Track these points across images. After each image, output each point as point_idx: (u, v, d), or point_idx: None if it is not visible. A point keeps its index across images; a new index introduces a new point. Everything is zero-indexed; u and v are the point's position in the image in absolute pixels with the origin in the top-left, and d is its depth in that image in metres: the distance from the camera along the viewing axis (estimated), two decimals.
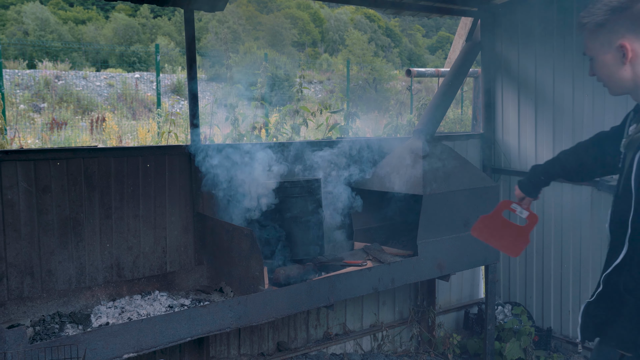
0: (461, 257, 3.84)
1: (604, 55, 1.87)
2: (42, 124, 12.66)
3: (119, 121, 13.85)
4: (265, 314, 3.02)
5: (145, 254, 3.52)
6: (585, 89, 4.41)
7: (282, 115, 6.77)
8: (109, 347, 2.52)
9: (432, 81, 18.58)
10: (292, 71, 19.83)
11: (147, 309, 3.15)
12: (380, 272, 3.48)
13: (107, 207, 3.37)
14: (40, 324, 2.96)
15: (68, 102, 15.81)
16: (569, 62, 4.49)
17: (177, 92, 19.35)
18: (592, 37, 1.89)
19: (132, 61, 25.26)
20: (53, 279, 3.21)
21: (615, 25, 1.81)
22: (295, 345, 4.19)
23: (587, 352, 4.59)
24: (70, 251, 3.26)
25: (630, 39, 1.79)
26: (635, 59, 1.81)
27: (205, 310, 2.83)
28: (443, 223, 3.75)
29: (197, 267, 3.66)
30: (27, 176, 3.11)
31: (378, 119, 15.56)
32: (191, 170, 3.63)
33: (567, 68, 4.51)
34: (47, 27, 28.10)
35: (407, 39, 45.45)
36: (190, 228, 3.68)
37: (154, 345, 2.67)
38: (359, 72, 20.94)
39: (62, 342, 2.38)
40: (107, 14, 33.88)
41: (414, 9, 4.63)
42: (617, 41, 1.82)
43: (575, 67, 4.45)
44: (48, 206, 3.18)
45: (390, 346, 4.65)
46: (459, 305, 5.14)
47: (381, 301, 4.62)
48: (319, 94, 23.15)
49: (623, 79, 1.87)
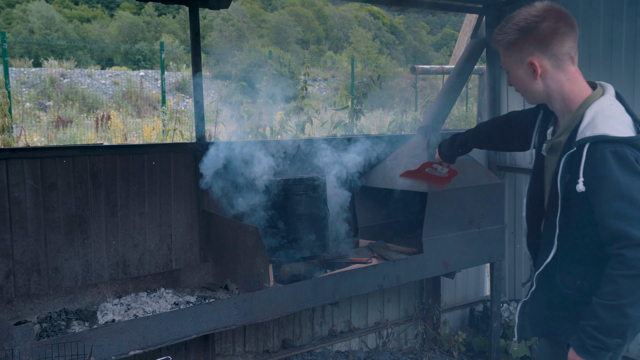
0: (466, 255, 3.84)
1: (517, 70, 2.06)
2: (47, 122, 12.70)
3: (124, 119, 13.88)
4: (270, 311, 3.03)
5: (150, 251, 3.53)
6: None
7: (286, 112, 6.78)
8: (115, 343, 2.54)
9: (436, 78, 18.55)
10: (296, 69, 19.82)
11: (153, 306, 3.16)
12: (385, 270, 3.48)
13: (112, 204, 3.38)
14: (47, 320, 2.97)
15: (73, 100, 15.85)
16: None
17: (182, 90, 19.36)
18: (506, 54, 2.07)
19: (137, 59, 25.29)
20: (59, 276, 3.23)
21: (525, 44, 1.99)
22: (301, 343, 4.19)
23: None
24: (77, 248, 3.28)
25: (539, 57, 1.99)
26: (545, 74, 2.01)
27: (211, 307, 2.83)
28: (448, 220, 3.75)
29: (203, 265, 3.67)
30: (34, 174, 3.12)
31: (383, 116, 15.54)
32: (196, 167, 3.64)
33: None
34: (52, 25, 28.17)
35: (412, 36, 45.34)
36: (195, 225, 3.69)
37: (160, 342, 2.68)
38: (363, 70, 20.92)
39: (69, 338, 2.39)
40: (112, 12, 33.95)
41: (418, 5, 4.62)
42: (527, 59, 2.01)
43: (580, 63, 4.43)
44: (54, 204, 3.19)
45: (395, 343, 4.65)
46: (464, 302, 5.14)
47: (386, 298, 4.63)
48: (324, 91, 23.14)
49: (536, 91, 2.07)
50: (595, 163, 1.87)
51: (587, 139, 1.89)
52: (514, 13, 2.05)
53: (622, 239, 1.82)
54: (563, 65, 2.02)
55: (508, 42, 2.03)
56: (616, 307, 1.83)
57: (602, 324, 1.86)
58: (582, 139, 1.91)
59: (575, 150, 1.93)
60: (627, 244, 1.81)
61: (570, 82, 2.04)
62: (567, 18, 2.00)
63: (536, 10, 1.98)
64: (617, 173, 1.84)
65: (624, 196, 1.83)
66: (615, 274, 1.83)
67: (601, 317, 1.86)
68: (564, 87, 2.04)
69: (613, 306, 1.84)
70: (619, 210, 1.83)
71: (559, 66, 2.02)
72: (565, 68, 2.03)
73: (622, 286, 1.82)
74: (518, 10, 2.05)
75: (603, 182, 1.86)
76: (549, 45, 1.98)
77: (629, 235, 1.81)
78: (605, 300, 1.85)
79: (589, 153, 1.88)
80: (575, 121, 2.01)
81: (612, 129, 1.88)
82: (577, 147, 1.92)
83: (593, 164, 1.87)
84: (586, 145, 1.89)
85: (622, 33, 4.14)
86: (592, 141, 1.88)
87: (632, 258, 1.80)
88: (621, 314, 1.83)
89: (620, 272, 1.82)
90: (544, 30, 1.96)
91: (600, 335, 1.86)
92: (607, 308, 1.85)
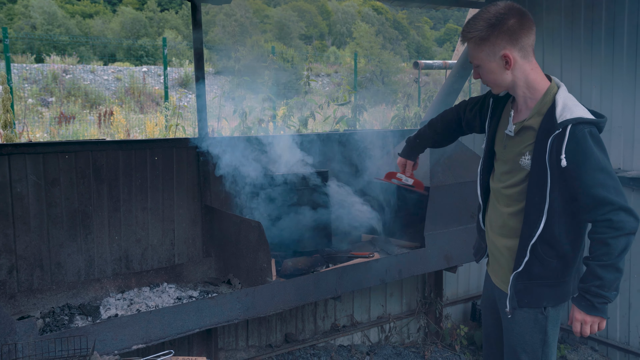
0: (468, 249, 3.83)
1: (489, 64, 2.23)
2: (50, 118, 12.71)
3: (127, 115, 13.88)
4: (272, 305, 3.04)
5: (153, 246, 3.54)
6: (593, 80, 4.39)
7: (289, 108, 6.78)
8: (118, 338, 2.55)
9: (439, 73, 18.51)
10: (299, 64, 19.81)
11: (156, 300, 3.17)
12: (387, 264, 3.48)
13: (115, 199, 3.39)
14: (50, 315, 2.99)
15: (76, 96, 15.86)
16: (576, 54, 4.46)
17: (185, 85, 19.36)
18: (478, 49, 2.23)
19: (140, 55, 25.29)
20: (62, 271, 3.24)
21: (497, 39, 2.17)
22: (303, 337, 4.21)
23: (594, 343, 4.59)
24: (79, 244, 3.29)
25: (510, 50, 2.18)
26: (515, 65, 2.21)
27: (213, 301, 2.85)
28: (450, 215, 3.75)
29: (205, 259, 3.68)
30: (36, 169, 3.13)
31: (386, 111, 15.52)
32: (199, 162, 3.64)
33: (574, 59, 4.49)
34: (54, 21, 28.17)
35: (415, 31, 45.24)
36: (198, 220, 3.69)
37: (163, 337, 2.69)
38: (366, 65, 20.89)
39: (72, 333, 2.40)
40: (114, 7, 33.92)
41: (420, 1, 4.61)
42: (500, 52, 2.18)
43: (582, 58, 4.42)
44: (57, 199, 3.20)
45: (397, 337, 4.66)
46: (466, 297, 5.14)
47: (388, 293, 4.63)
48: (327, 86, 23.11)
49: (505, 81, 2.26)
50: (578, 141, 2.11)
51: (569, 121, 2.12)
52: (481, 12, 2.23)
53: (605, 204, 2.09)
54: (529, 56, 2.23)
55: (480, 38, 2.19)
56: (611, 265, 2.11)
57: (604, 282, 2.13)
58: (565, 121, 2.13)
59: (560, 131, 2.14)
60: (611, 209, 2.09)
61: (533, 72, 2.25)
62: (527, 14, 2.21)
63: (502, 8, 2.18)
64: (595, 150, 2.11)
65: (602, 169, 2.10)
66: (606, 237, 2.10)
67: (602, 276, 2.12)
68: (529, 76, 2.24)
69: (609, 264, 2.11)
70: (601, 181, 2.09)
71: (526, 57, 2.22)
72: (530, 59, 2.24)
73: (613, 246, 2.10)
74: (485, 9, 2.22)
75: (585, 157, 2.10)
76: (519, 38, 2.17)
77: (612, 201, 2.08)
78: (602, 262, 2.12)
79: (572, 133, 2.12)
80: (545, 106, 2.23)
81: (584, 113, 2.15)
82: (561, 128, 2.13)
83: (576, 142, 2.11)
84: (569, 126, 2.12)
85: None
86: (574, 122, 2.12)
87: (618, 221, 2.08)
88: (615, 269, 2.12)
89: (609, 234, 2.10)
90: (513, 25, 2.15)
91: (603, 292, 2.14)
92: (605, 267, 2.12)
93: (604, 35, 4.27)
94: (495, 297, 2.56)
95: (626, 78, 4.17)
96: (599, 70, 4.33)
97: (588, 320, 2.20)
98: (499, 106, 2.47)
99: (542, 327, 2.37)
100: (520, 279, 2.34)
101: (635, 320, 4.29)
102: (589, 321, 2.20)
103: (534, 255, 2.29)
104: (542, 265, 2.29)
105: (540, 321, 2.36)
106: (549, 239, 2.26)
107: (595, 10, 4.29)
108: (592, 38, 4.34)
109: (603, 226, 2.11)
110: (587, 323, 2.21)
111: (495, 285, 2.55)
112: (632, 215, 2.10)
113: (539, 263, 2.29)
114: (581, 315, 2.21)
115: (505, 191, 2.40)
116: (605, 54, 4.28)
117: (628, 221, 2.09)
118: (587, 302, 2.18)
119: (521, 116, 2.32)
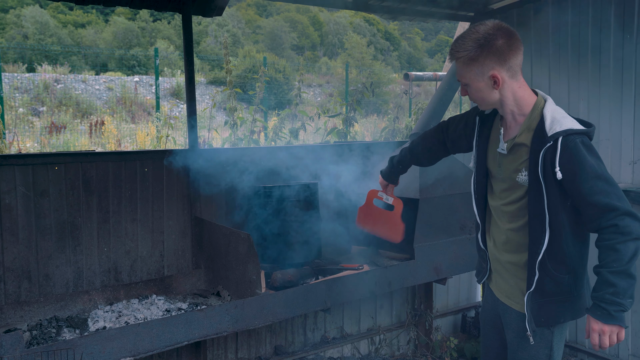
0: (458, 261, 3.86)
1: (478, 83, 2.24)
2: (41, 128, 12.67)
3: (118, 125, 13.86)
4: (262, 317, 3.03)
5: (142, 258, 3.53)
6: (580, 92, 4.43)
7: (280, 119, 6.79)
8: (106, 351, 2.53)
9: (431, 85, 18.62)
10: (291, 75, 19.85)
11: (145, 313, 3.16)
12: (377, 276, 3.49)
13: (105, 211, 3.38)
14: (37, 328, 2.97)
15: (67, 106, 15.82)
16: (564, 66, 4.51)
17: (177, 95, 19.36)
18: (466, 69, 2.24)
19: (132, 65, 25.28)
20: (50, 283, 3.22)
21: (486, 59, 2.18)
22: (293, 349, 4.19)
23: (584, 355, 4.60)
24: (68, 255, 3.27)
25: (499, 70, 2.19)
26: (503, 84, 2.22)
27: (203, 314, 2.84)
28: (440, 226, 3.77)
29: (195, 271, 3.67)
30: (25, 181, 3.12)
31: (377, 122, 15.56)
32: (189, 174, 3.64)
33: (562, 71, 4.53)
34: (46, 30, 28.12)
35: (406, 42, 45.51)
36: (187, 232, 3.69)
37: (151, 349, 2.68)
38: (358, 76, 20.98)
39: (59, 346, 2.39)
40: (106, 17, 33.91)
41: (410, 14, 4.65)
42: (489, 72, 2.20)
43: (570, 70, 4.47)
44: (46, 210, 3.19)
45: (387, 350, 4.66)
46: (456, 308, 5.15)
47: (378, 305, 4.63)
48: (318, 97, 23.19)
49: (493, 99, 2.27)
50: (571, 152, 2.11)
51: (559, 133, 2.13)
52: (470, 31, 2.23)
53: (610, 211, 2.06)
54: (517, 75, 2.24)
55: (468, 58, 2.20)
56: (623, 271, 2.06)
57: (618, 289, 2.07)
58: (555, 133, 2.14)
59: (552, 144, 2.14)
60: (616, 215, 2.06)
61: (521, 89, 2.26)
62: (515, 34, 2.22)
63: (491, 28, 2.18)
64: (589, 158, 2.11)
65: (599, 176, 2.09)
66: (614, 243, 2.06)
67: (615, 283, 2.07)
68: (517, 94, 2.26)
69: (621, 271, 2.06)
70: (600, 188, 2.08)
71: (514, 76, 2.23)
72: (518, 77, 2.25)
73: (622, 252, 2.05)
74: (473, 28, 2.23)
75: (580, 166, 2.10)
76: (507, 59, 2.19)
77: (616, 207, 2.06)
78: (613, 268, 2.07)
79: (563, 144, 2.12)
80: (534, 121, 2.24)
81: (574, 124, 2.16)
82: (552, 141, 2.14)
83: (569, 154, 2.12)
84: (560, 138, 2.13)
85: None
86: (564, 134, 2.13)
87: (625, 226, 2.05)
88: (628, 275, 2.06)
89: (617, 240, 2.06)
90: (501, 45, 2.16)
91: (618, 299, 2.08)
92: (617, 274, 2.06)
93: (590, 48, 4.32)
94: (499, 311, 2.54)
95: (613, 91, 4.22)
96: (586, 84, 4.38)
97: (606, 330, 2.13)
98: (487, 123, 2.46)
99: (548, 343, 2.34)
100: (534, 298, 2.31)
101: (625, 333, 4.31)
102: (607, 331, 2.13)
103: (545, 273, 2.26)
104: (554, 281, 2.26)
105: (547, 336, 2.34)
106: (557, 254, 2.23)
107: (581, 25, 4.34)
108: (580, 51, 4.39)
109: (610, 232, 2.07)
110: (605, 333, 2.13)
111: (498, 299, 2.53)
112: (637, 220, 2.07)
113: (551, 280, 2.26)
114: (598, 325, 2.14)
115: (506, 208, 2.38)
116: (592, 67, 4.33)
117: (634, 225, 2.05)
118: (603, 311, 2.11)
119: (511, 133, 2.33)
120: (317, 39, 40.17)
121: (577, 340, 4.62)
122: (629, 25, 4.07)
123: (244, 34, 35.07)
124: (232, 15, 34.74)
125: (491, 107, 2.34)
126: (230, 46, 27.00)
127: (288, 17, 38.85)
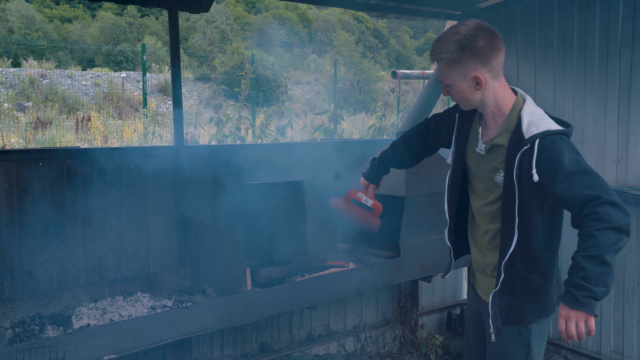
0: (444, 259, 3.87)
1: (460, 84, 2.24)
2: (26, 123, 12.54)
3: (105, 121, 13.76)
4: (247, 315, 3.03)
5: (128, 255, 3.52)
6: (565, 92, 4.46)
7: (267, 116, 6.78)
8: (89, 348, 2.52)
9: (419, 82, 18.66)
10: (279, 71, 19.81)
11: (129, 310, 3.14)
12: (362, 273, 3.50)
13: (89, 208, 3.35)
14: (20, 325, 2.94)
15: (53, 101, 15.67)
16: (550, 66, 4.54)
17: (164, 92, 19.26)
18: (448, 70, 2.24)
19: (119, 60, 25.11)
20: (34, 280, 3.19)
21: (468, 61, 2.18)
22: (279, 346, 4.20)
23: (567, 352, 4.64)
24: (52, 252, 3.25)
25: (481, 71, 2.20)
26: (485, 85, 2.23)
27: (188, 311, 2.83)
28: (425, 224, 3.78)
29: (180, 269, 3.66)
30: (8, 177, 3.09)
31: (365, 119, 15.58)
32: (175, 171, 3.62)
33: (548, 71, 4.56)
34: (32, 25, 27.84)
35: (395, 40, 45.58)
36: (173, 229, 3.67)
37: (136, 347, 2.67)
38: (346, 73, 20.98)
39: (42, 343, 2.37)
40: (93, 12, 33.63)
41: (398, 12, 4.66)
42: (471, 74, 2.20)
43: (556, 70, 4.50)
44: (29, 207, 3.16)
45: (373, 347, 4.67)
46: (441, 306, 5.17)
47: (364, 302, 4.65)
48: (307, 94, 23.16)
49: (475, 100, 2.28)
50: (549, 151, 2.11)
51: (536, 135, 2.13)
52: (451, 32, 2.22)
53: (592, 200, 2.02)
54: (498, 75, 2.25)
55: (450, 60, 2.20)
56: (597, 257, 2.00)
57: (588, 273, 2.01)
58: (532, 136, 2.14)
59: (528, 147, 2.15)
60: (597, 203, 2.01)
61: (502, 90, 2.27)
62: (497, 34, 2.22)
63: (472, 29, 2.18)
64: (569, 153, 2.10)
65: (580, 170, 2.07)
66: (592, 229, 2.02)
67: (586, 267, 2.01)
68: (497, 94, 2.27)
69: (595, 256, 2.00)
70: (582, 182, 2.06)
71: (496, 76, 2.24)
72: (499, 78, 2.26)
73: (599, 238, 2.00)
74: (454, 29, 2.21)
75: (557, 162, 2.09)
76: (489, 59, 2.19)
77: (597, 196, 2.02)
78: (587, 252, 2.02)
79: (540, 146, 2.12)
80: (512, 123, 2.25)
81: (551, 125, 2.16)
82: (529, 144, 2.14)
83: (547, 153, 2.11)
84: (536, 140, 2.13)
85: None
86: (541, 136, 2.13)
87: (604, 213, 2.00)
88: (602, 262, 2.00)
89: (595, 226, 2.01)
90: (483, 46, 2.17)
91: (587, 284, 2.01)
92: (590, 258, 2.01)
93: (576, 47, 4.35)
94: (481, 309, 2.56)
95: (597, 89, 4.26)
96: (571, 83, 4.41)
97: (572, 315, 2.05)
98: (466, 120, 2.47)
99: (525, 340, 2.35)
100: (503, 297, 2.32)
101: (607, 330, 4.36)
102: (573, 317, 2.05)
103: (514, 273, 2.26)
104: (524, 282, 2.28)
105: (524, 334, 2.35)
106: (529, 256, 2.24)
107: (567, 26, 4.37)
108: (565, 50, 4.42)
109: (589, 219, 2.02)
110: (571, 319, 2.06)
111: (480, 297, 2.55)
112: (621, 210, 2.01)
113: (521, 280, 2.27)
114: (565, 310, 2.07)
115: (486, 209, 2.39)
116: (577, 65, 4.36)
117: (616, 214, 1.99)
118: (570, 296, 2.05)
119: (490, 133, 2.34)
120: (306, 36, 40.10)
121: (561, 338, 4.66)
122: (614, 26, 4.11)
123: (233, 31, 34.92)
124: (220, 12, 34.56)
125: (473, 107, 2.34)
126: (218, 43, 26.92)
127: (277, 14, 38.75)
